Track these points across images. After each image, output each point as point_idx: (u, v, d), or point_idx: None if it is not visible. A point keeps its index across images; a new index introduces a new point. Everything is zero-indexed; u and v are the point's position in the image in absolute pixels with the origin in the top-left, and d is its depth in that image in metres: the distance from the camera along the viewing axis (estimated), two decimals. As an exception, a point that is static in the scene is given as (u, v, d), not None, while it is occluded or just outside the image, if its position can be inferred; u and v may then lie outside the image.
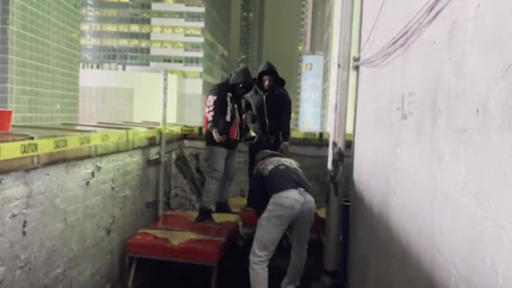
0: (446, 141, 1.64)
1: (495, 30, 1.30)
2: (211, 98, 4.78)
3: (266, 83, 5.09)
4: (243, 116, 5.08)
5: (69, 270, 3.20)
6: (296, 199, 3.45)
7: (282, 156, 4.18)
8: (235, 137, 4.90)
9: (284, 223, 3.50)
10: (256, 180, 3.85)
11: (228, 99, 4.82)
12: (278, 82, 5.22)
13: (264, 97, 5.12)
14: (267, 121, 5.16)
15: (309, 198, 3.55)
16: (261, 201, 3.64)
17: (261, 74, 5.14)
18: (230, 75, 4.93)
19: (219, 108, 4.75)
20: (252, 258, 3.54)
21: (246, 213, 5.17)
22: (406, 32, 2.19)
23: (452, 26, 1.62)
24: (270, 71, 5.12)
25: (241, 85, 4.87)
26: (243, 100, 5.06)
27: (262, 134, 5.17)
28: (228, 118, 4.80)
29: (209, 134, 4.76)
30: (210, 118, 4.71)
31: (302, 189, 3.51)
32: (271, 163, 3.82)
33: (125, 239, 4.16)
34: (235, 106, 4.90)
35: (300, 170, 3.90)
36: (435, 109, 1.77)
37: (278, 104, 5.15)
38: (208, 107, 4.77)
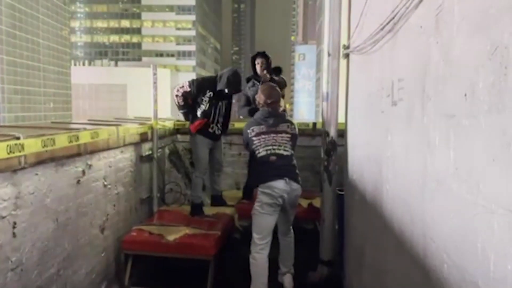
0: (435, 126, 1.62)
1: (481, 12, 1.27)
2: (186, 86, 4.66)
3: (258, 66, 5.04)
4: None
5: (63, 269, 3.17)
6: (283, 188, 3.64)
7: (282, 122, 3.92)
8: (194, 131, 4.73)
9: (276, 208, 3.69)
10: (247, 143, 3.94)
11: (206, 98, 4.63)
12: (275, 70, 5.17)
13: (259, 85, 5.05)
14: None
15: (295, 186, 3.73)
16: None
17: (253, 59, 5.10)
18: (221, 77, 4.67)
19: (190, 101, 4.69)
20: (252, 248, 3.70)
21: (241, 206, 5.16)
22: (393, 17, 2.15)
23: (439, 10, 1.59)
24: (261, 53, 5.08)
25: (226, 91, 4.66)
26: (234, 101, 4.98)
27: None
28: (198, 113, 4.67)
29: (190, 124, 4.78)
30: (181, 103, 4.71)
31: (287, 179, 3.66)
32: (265, 147, 3.76)
33: (120, 236, 4.14)
34: (219, 105, 4.73)
35: (292, 149, 3.87)
36: (424, 94, 1.74)
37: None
38: (178, 90, 4.68)
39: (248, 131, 3.88)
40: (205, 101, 4.66)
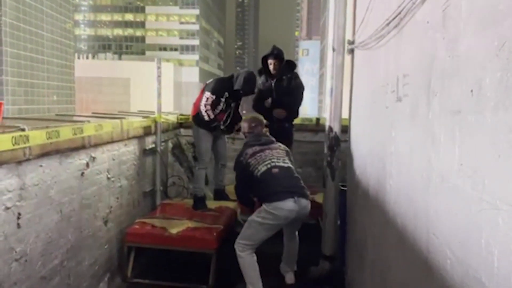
0: (440, 122, 1.61)
1: (489, 7, 1.26)
2: (209, 96, 4.60)
3: (271, 67, 4.93)
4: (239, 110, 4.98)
5: (67, 261, 3.20)
6: (291, 209, 3.43)
7: (273, 143, 3.91)
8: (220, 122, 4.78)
9: (276, 229, 3.58)
10: (243, 170, 3.74)
11: (223, 99, 4.66)
12: (288, 67, 5.06)
13: (272, 84, 5.00)
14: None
15: (304, 203, 3.52)
16: (246, 190, 3.81)
17: (264, 59, 4.99)
18: (237, 77, 4.69)
19: (213, 106, 4.65)
20: (236, 247, 3.62)
21: (244, 200, 5.18)
22: (399, 13, 2.14)
23: (446, 5, 1.58)
24: (273, 54, 4.92)
25: (241, 91, 4.69)
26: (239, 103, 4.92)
27: (269, 122, 4.91)
28: (216, 112, 4.68)
29: (197, 118, 4.72)
30: (212, 117, 4.62)
31: (296, 197, 3.45)
32: (263, 163, 3.60)
33: (123, 229, 4.17)
34: (232, 105, 4.76)
35: (291, 163, 3.77)
36: (429, 90, 1.74)
37: (286, 89, 4.97)
38: (205, 105, 4.61)
39: (241, 158, 3.76)
40: (223, 101, 4.67)
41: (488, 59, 1.24)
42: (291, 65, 5.11)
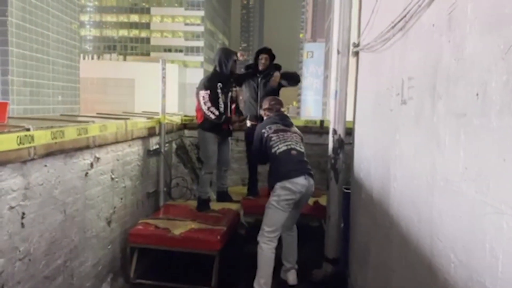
0: (445, 126, 1.61)
1: (495, 11, 1.26)
2: (204, 94, 4.67)
3: (262, 61, 5.07)
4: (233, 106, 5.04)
5: (70, 261, 3.20)
6: (303, 184, 3.74)
7: (293, 125, 4.12)
8: (228, 127, 4.87)
9: (291, 205, 3.77)
10: (262, 142, 3.96)
11: (219, 91, 4.74)
12: (275, 68, 5.15)
13: (258, 79, 5.08)
14: (259, 105, 5.07)
15: (311, 182, 3.83)
16: (260, 157, 4.09)
17: (257, 54, 5.15)
18: (220, 65, 4.78)
19: (214, 102, 4.68)
20: (260, 239, 3.76)
21: (247, 202, 5.18)
22: (405, 16, 2.14)
23: (452, 8, 1.58)
24: (265, 49, 5.15)
25: (235, 60, 4.79)
26: (233, 90, 4.97)
27: (254, 119, 5.03)
28: (221, 109, 4.74)
29: (205, 123, 4.75)
30: (216, 113, 4.66)
31: (306, 175, 3.78)
32: (284, 142, 3.86)
33: (126, 230, 4.17)
34: (228, 95, 4.84)
35: (303, 147, 4.00)
36: (434, 93, 1.73)
37: (272, 87, 5.06)
38: (205, 103, 4.67)
39: (263, 130, 3.98)
40: (220, 93, 4.74)
41: (493, 62, 1.23)
42: (278, 68, 5.25)
